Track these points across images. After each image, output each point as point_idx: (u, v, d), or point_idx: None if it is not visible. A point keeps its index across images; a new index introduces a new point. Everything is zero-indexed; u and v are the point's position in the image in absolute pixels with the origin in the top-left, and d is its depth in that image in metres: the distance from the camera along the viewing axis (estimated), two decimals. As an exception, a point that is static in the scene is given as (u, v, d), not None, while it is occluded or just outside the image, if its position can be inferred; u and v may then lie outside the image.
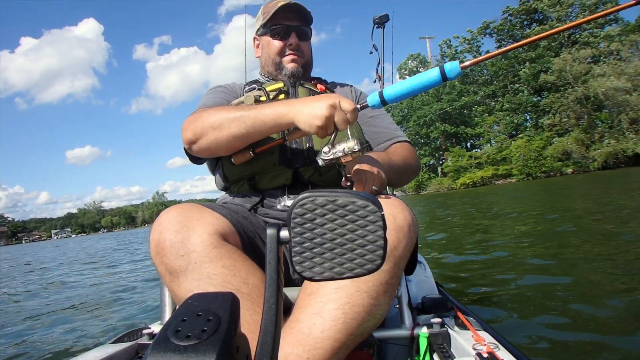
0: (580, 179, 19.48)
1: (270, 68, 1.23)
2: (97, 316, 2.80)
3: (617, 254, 2.77)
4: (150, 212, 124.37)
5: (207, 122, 0.96)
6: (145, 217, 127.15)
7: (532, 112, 35.87)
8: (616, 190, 8.36)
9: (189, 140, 1.00)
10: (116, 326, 2.45)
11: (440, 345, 0.87)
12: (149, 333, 1.00)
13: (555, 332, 1.58)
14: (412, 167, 1.14)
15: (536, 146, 31.76)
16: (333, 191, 0.36)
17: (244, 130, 0.93)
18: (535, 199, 9.64)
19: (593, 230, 3.93)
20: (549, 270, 2.62)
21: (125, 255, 8.70)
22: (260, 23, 1.22)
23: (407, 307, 0.95)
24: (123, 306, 3.02)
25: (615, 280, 2.18)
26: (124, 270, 5.65)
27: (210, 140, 0.97)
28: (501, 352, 0.78)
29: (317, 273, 0.36)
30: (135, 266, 5.98)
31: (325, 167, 0.93)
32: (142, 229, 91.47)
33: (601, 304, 1.84)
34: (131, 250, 10.48)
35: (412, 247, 0.83)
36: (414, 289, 1.38)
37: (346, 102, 0.86)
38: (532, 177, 31.07)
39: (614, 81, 28.16)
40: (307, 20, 1.22)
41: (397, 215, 0.79)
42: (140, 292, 3.59)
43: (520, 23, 39.07)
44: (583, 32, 33.77)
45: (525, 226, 4.87)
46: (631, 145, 27.03)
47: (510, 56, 36.22)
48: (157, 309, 1.07)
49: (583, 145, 29.86)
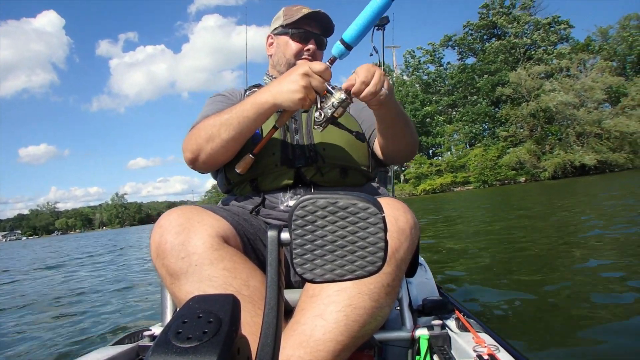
0: (532, 187, 20.90)
1: (282, 68, 1.23)
2: (97, 318, 2.79)
3: (617, 255, 2.77)
4: (108, 214, 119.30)
5: (199, 138, 0.99)
6: (103, 219, 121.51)
7: (489, 123, 38.68)
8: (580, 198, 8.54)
9: (190, 160, 1.03)
10: (117, 328, 2.44)
11: (441, 347, 0.87)
12: (150, 335, 1.00)
13: (555, 334, 1.58)
14: (411, 130, 1.10)
15: (492, 155, 34.29)
16: (334, 193, 0.36)
17: (233, 132, 0.95)
18: (516, 205, 9.67)
19: (591, 234, 3.94)
20: (548, 272, 2.61)
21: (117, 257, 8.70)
22: (280, 23, 1.23)
23: (408, 309, 0.94)
24: (123, 308, 3.02)
25: (616, 280, 2.17)
26: (124, 270, 5.65)
27: (208, 154, 0.99)
28: (502, 354, 0.78)
29: (318, 275, 0.36)
30: (133, 267, 5.99)
31: (327, 167, 0.93)
32: (99, 231, 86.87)
33: (601, 304, 1.84)
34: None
35: (414, 250, 0.83)
36: (415, 290, 1.37)
37: (316, 64, 0.87)
38: (488, 184, 33.11)
39: (563, 96, 31.06)
40: (328, 32, 1.24)
41: (399, 218, 0.79)
42: (141, 294, 3.59)
43: (480, 37, 42.57)
44: (538, 49, 37.77)
45: (524, 229, 4.88)
46: (577, 157, 30.16)
47: (469, 69, 40.35)
48: (158, 310, 1.07)
49: (535, 155, 32.58)
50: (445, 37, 43.71)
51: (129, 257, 7.84)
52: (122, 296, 3.52)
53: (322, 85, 0.87)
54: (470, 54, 43.17)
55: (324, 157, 1.05)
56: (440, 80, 43.01)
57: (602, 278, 2.29)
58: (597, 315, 1.73)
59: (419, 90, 41.59)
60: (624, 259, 2.68)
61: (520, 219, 6.04)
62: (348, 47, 0.91)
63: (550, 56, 36.70)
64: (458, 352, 0.86)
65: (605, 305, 1.82)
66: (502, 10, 40.10)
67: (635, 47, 35.42)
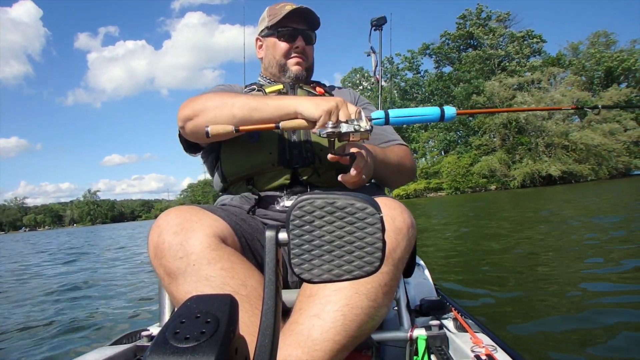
0: (503, 194, 21.85)
1: (274, 69, 1.23)
2: (95, 318, 2.78)
3: (617, 255, 2.78)
4: (79, 211, 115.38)
5: (209, 102, 0.98)
6: (74, 216, 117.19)
7: (463, 131, 40.55)
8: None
9: (185, 116, 1.00)
10: (114, 328, 2.44)
11: (439, 348, 0.87)
12: (148, 335, 1.00)
13: (554, 334, 1.58)
14: (406, 168, 1.15)
15: (465, 163, 35.81)
16: (332, 193, 0.36)
17: (246, 112, 0.94)
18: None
19: (588, 236, 3.95)
20: (547, 272, 2.62)
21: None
22: (266, 24, 1.22)
23: (406, 309, 0.94)
24: (121, 308, 3.01)
25: (616, 282, 2.18)
26: (122, 271, 5.63)
27: (208, 118, 0.96)
28: (499, 354, 0.79)
29: (316, 275, 0.36)
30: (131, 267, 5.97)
31: (324, 167, 0.92)
32: (69, 228, 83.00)
33: (601, 305, 1.84)
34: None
35: (411, 249, 0.83)
36: (413, 291, 1.37)
37: (351, 106, 0.90)
38: (460, 191, 34.50)
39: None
40: (314, 25, 1.23)
41: (396, 218, 0.79)
42: (139, 294, 3.58)
43: (457, 47, 44.30)
44: (512, 60, 39.95)
45: (519, 232, 4.90)
46: (545, 167, 31.77)
47: (446, 77, 42.33)
48: (156, 311, 1.06)
49: (505, 164, 34.23)
50: (423, 45, 45.32)
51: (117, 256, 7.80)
52: (122, 296, 3.51)
53: (346, 117, 0.88)
54: (447, 62, 45.04)
55: (321, 158, 1.05)
56: (417, 88, 44.91)
57: (602, 278, 2.30)
58: (597, 316, 1.73)
59: (396, 97, 43.16)
60: (624, 259, 2.69)
61: (510, 222, 6.08)
62: (386, 122, 0.94)
63: (524, 68, 38.86)
64: (456, 352, 0.86)
65: (607, 306, 1.83)
66: (479, 21, 42.25)
67: (602, 63, 37.90)
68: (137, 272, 4.98)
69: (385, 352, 1.02)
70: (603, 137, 31.56)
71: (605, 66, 37.73)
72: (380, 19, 2.26)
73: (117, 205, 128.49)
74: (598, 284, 2.19)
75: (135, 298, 3.35)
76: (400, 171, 1.13)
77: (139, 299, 3.28)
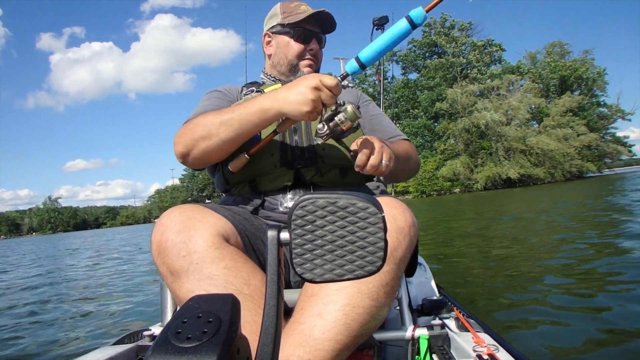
0: (467, 197, 22.71)
1: (283, 68, 1.22)
2: (96, 317, 2.79)
3: (616, 255, 2.77)
4: (39, 219, 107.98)
5: (195, 133, 0.97)
6: (33, 225, 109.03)
7: (428, 136, 42.22)
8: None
9: (181, 154, 1.01)
10: (116, 328, 2.44)
11: (441, 347, 0.87)
12: (150, 335, 0.99)
13: (555, 334, 1.58)
14: (413, 161, 1.15)
15: (430, 167, 37.18)
16: (334, 193, 0.36)
17: (233, 134, 0.93)
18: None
19: (590, 236, 3.94)
20: (549, 272, 2.61)
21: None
22: (279, 21, 1.21)
23: (408, 309, 0.94)
24: (123, 307, 3.02)
25: (616, 282, 2.18)
26: (123, 271, 5.64)
27: (202, 150, 0.97)
28: (501, 354, 0.78)
29: (318, 275, 0.36)
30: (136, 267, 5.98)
31: (327, 167, 0.92)
32: (28, 237, 78.11)
33: (601, 305, 1.84)
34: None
35: (413, 249, 0.83)
36: (414, 290, 1.37)
37: (328, 79, 0.85)
38: (426, 194, 35.83)
39: (493, 114, 34.73)
40: (329, 29, 1.23)
41: (398, 217, 0.79)
42: (141, 293, 3.58)
43: (422, 54, 46.18)
44: (473, 68, 41.86)
45: (526, 231, 4.89)
46: (505, 170, 33.46)
47: (412, 84, 44.66)
48: (158, 310, 1.07)
49: (468, 168, 35.74)
50: (390, 52, 45.51)
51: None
52: (122, 296, 3.52)
53: (331, 100, 0.85)
54: (413, 69, 46.91)
55: (323, 157, 1.04)
56: (385, 94, 45.25)
57: (602, 277, 2.29)
58: (597, 316, 1.73)
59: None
60: (622, 260, 2.68)
61: (507, 222, 6.07)
62: (362, 67, 0.91)
63: (484, 76, 40.71)
64: (458, 352, 0.86)
65: (607, 307, 1.82)
66: (443, 30, 44.04)
67: (557, 71, 40.98)
68: (133, 274, 4.99)
69: (387, 351, 1.02)
70: (557, 142, 33.76)
71: (559, 74, 40.77)
72: (382, 19, 2.25)
73: (79, 212, 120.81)
74: (605, 284, 2.18)
75: (137, 298, 3.36)
76: (407, 163, 1.13)
77: (140, 299, 3.29)
